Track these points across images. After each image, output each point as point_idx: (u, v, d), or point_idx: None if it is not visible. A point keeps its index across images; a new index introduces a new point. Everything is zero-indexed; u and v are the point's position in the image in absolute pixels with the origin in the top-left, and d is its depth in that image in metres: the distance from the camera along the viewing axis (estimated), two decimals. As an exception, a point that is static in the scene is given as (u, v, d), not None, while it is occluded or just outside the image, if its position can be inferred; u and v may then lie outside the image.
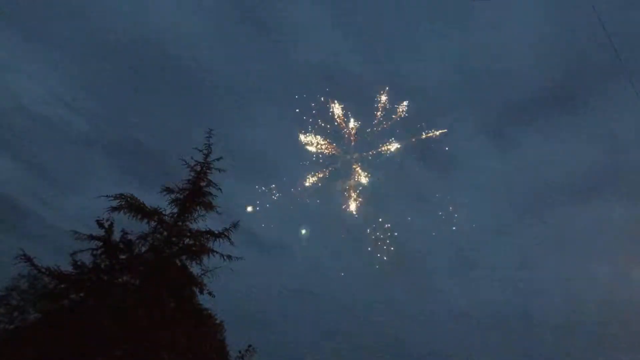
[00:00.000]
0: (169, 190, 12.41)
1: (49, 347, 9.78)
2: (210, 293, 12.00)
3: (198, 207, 12.49)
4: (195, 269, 12.00)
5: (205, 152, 12.98)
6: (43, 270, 10.68)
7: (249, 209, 31.56)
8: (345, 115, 31.53)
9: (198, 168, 12.83)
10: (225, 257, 12.18)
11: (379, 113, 31.49)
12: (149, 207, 11.90)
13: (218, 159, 12.98)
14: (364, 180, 32.26)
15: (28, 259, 10.57)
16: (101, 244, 11.23)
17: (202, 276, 11.91)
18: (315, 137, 31.34)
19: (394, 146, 31.86)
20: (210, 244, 12.26)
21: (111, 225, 11.44)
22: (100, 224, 11.36)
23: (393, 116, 31.82)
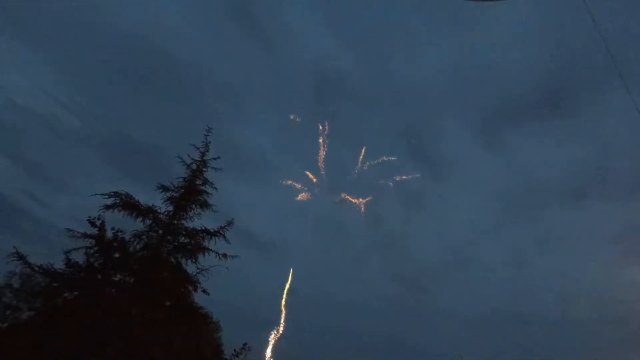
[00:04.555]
0: (164, 188, 12.31)
1: (41, 346, 9.68)
2: (204, 291, 11.94)
3: (193, 206, 12.42)
4: (190, 268, 11.94)
5: (202, 150, 12.90)
6: (36, 268, 10.54)
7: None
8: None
9: (194, 166, 12.74)
10: (220, 256, 12.09)
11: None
12: (143, 205, 11.80)
13: (215, 159, 12.92)
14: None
15: (21, 257, 10.44)
16: (94, 242, 11.12)
17: (198, 275, 11.84)
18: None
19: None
20: (205, 243, 12.19)
21: (102, 223, 11.33)
22: (91, 223, 11.24)
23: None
